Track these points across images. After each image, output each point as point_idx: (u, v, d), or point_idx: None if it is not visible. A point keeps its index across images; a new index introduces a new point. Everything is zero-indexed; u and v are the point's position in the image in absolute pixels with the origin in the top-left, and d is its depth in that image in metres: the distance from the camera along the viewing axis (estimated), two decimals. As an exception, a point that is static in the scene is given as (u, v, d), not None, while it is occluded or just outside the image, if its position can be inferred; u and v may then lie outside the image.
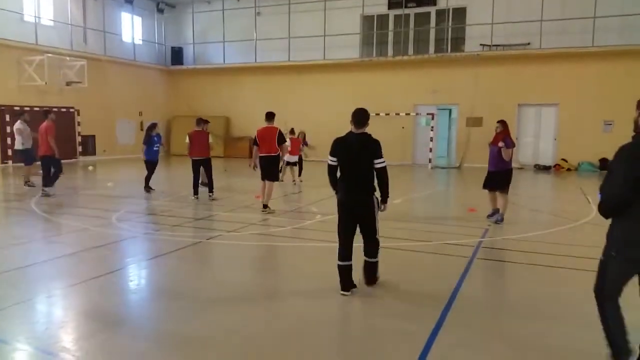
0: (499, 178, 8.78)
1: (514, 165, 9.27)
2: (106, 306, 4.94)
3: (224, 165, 19.31)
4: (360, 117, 5.34)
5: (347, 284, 5.15)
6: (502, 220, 8.71)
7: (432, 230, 8.46)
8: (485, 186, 9.09)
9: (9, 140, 18.42)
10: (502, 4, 19.52)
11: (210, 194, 11.17)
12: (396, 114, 20.39)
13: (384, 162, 5.33)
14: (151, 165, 12.15)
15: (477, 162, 19.82)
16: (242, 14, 23.86)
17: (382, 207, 5.40)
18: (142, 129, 24.67)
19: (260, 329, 4.38)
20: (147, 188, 12.09)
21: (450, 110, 23.00)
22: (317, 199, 11.52)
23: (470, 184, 16.36)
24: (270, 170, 9.69)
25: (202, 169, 11.17)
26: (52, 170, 11.67)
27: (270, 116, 9.82)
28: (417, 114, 21.09)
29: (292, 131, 14.92)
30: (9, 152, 18.47)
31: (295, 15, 22.64)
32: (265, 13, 23.58)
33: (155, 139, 12.17)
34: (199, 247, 7.27)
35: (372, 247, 5.32)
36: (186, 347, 3.97)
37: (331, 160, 5.28)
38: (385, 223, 8.57)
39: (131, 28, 24.39)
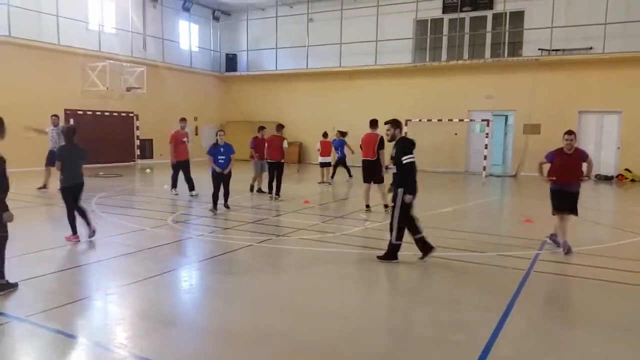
0: (574, 198, 7.28)
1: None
2: (161, 305, 5.08)
3: (297, 167, 20.15)
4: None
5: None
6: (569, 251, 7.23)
7: (485, 240, 8.18)
8: (560, 208, 7.32)
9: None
10: (562, 7, 18.79)
11: (277, 196, 11.92)
12: (449, 119, 19.98)
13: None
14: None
15: (535, 171, 19.12)
16: (294, 20, 24.17)
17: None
18: (196, 134, 25.44)
19: (307, 332, 4.37)
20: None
21: (506, 117, 22.33)
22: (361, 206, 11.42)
23: (527, 194, 15.80)
24: (371, 172, 10.42)
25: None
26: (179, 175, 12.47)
27: (373, 123, 10.65)
28: (471, 120, 20.58)
29: (325, 134, 16.31)
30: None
31: (347, 21, 22.68)
32: (317, 19, 23.76)
33: (221, 149, 10.23)
34: (250, 250, 7.36)
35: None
36: (239, 346, 4.02)
37: (413, 158, 6.47)
38: (436, 232, 8.44)
39: (188, 36, 25.21)
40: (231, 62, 26.45)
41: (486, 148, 19.43)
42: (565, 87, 18.94)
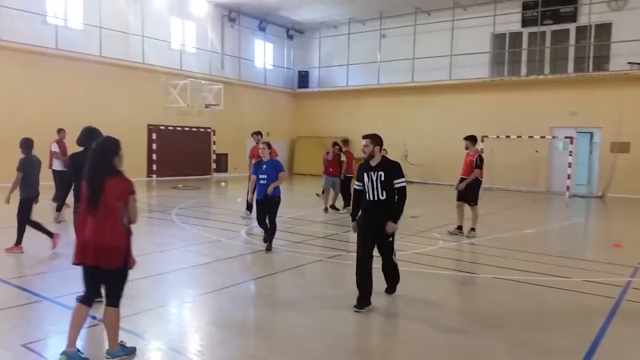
0: None
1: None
2: (235, 316, 5.12)
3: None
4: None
5: None
6: None
7: (569, 265, 7.61)
8: None
9: (154, 156, 20.49)
10: (656, 17, 17.49)
11: (346, 209, 12.05)
12: (529, 136, 19.07)
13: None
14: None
15: (624, 192, 17.78)
16: (366, 37, 24.28)
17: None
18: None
19: (373, 344, 4.22)
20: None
21: (591, 134, 21.01)
22: (441, 223, 11.06)
23: (615, 216, 14.70)
24: (464, 192, 9.54)
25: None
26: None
27: (472, 139, 9.75)
28: (553, 137, 19.53)
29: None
30: (154, 166, 20.52)
31: (421, 36, 22.46)
32: (390, 35, 23.70)
33: (264, 167, 7.89)
34: (320, 265, 7.31)
35: None
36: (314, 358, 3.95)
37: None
38: (518, 254, 7.99)
39: (263, 54, 26.01)
40: (303, 78, 26.98)
41: (570, 167, 18.29)
42: (658, 103, 17.55)
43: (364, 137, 5.44)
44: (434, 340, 4.55)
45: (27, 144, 7.27)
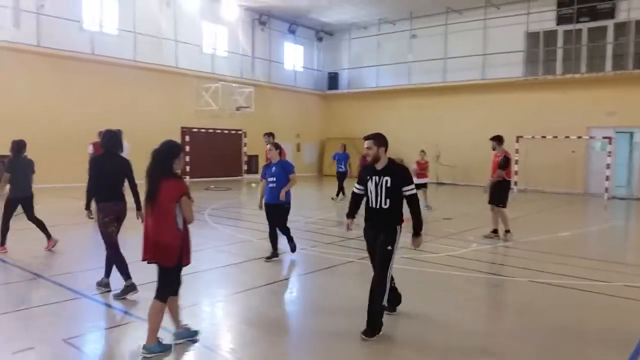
0: None
1: None
2: (266, 315, 5.16)
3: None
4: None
5: None
6: None
7: (609, 269, 7.36)
8: None
9: (187, 158, 20.84)
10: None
11: None
12: (565, 137, 18.56)
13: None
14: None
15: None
16: (397, 37, 24.12)
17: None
18: (298, 150, 26.16)
19: (402, 342, 4.17)
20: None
21: (631, 134, 20.26)
22: (474, 226, 10.88)
23: (657, 219, 14.16)
24: (491, 193, 9.32)
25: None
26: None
27: (498, 140, 9.46)
28: (590, 137, 18.96)
29: (422, 153, 14.38)
30: (187, 168, 20.88)
31: (452, 36, 22.19)
32: (420, 35, 23.48)
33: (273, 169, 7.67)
34: (352, 266, 7.28)
35: None
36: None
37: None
38: (554, 257, 7.78)
39: (293, 56, 26.16)
40: (333, 80, 27.01)
41: (608, 168, 17.71)
42: None
43: (366, 138, 4.73)
44: (462, 343, 4.47)
45: (15, 146, 7.41)
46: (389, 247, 4.54)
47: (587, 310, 5.53)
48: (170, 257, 3.97)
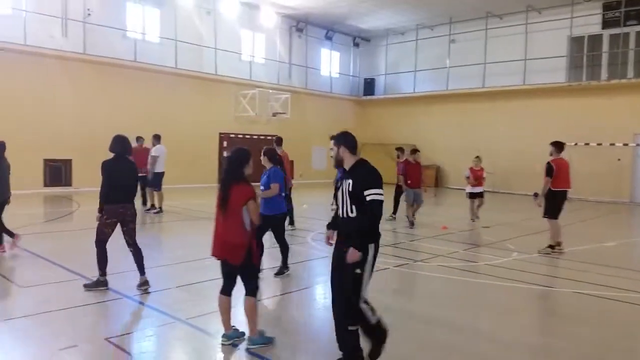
0: None
1: None
2: (299, 319, 5.19)
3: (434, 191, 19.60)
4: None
5: None
6: None
7: (661, 282, 7.02)
8: None
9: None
10: None
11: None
12: (611, 144, 17.90)
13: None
14: None
15: None
16: (435, 42, 23.87)
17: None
18: (332, 156, 26.16)
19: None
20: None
21: (682, 141, 19.36)
22: (513, 235, 10.60)
23: None
24: (545, 204, 8.70)
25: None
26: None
27: (560, 146, 8.90)
28: (638, 144, 18.20)
29: (476, 160, 13.03)
30: (224, 173, 21.19)
31: (492, 40, 21.77)
32: (459, 40, 23.16)
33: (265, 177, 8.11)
34: (387, 273, 7.19)
35: None
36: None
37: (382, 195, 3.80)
38: (599, 268, 7.48)
39: (329, 62, 26.25)
40: (369, 86, 26.94)
41: (656, 176, 16.98)
42: None
43: (331, 138, 4.16)
44: (505, 355, 4.34)
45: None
46: (358, 270, 3.71)
47: (636, 325, 5.27)
48: (239, 255, 4.22)
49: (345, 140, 4.00)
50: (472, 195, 12.50)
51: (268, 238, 6.83)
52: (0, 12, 15.38)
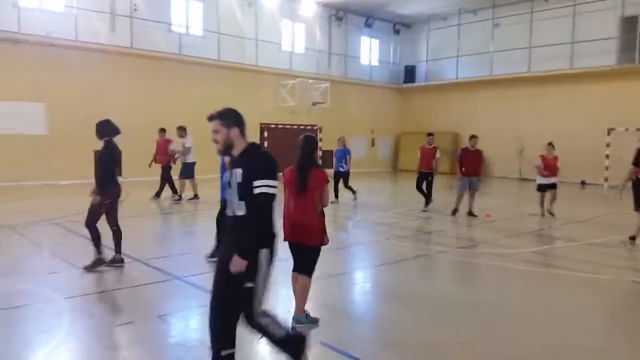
0: None
1: None
2: (342, 301, 5.36)
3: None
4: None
5: None
6: None
7: None
8: None
9: (266, 153, 21.50)
10: None
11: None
12: (665, 129, 17.06)
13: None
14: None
15: None
16: (478, 27, 23.31)
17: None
18: (373, 145, 26.13)
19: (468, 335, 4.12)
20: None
21: None
22: (559, 222, 10.36)
23: None
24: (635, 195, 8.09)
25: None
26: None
27: None
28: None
29: (549, 146, 11.61)
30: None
31: (537, 24, 21.08)
32: (503, 24, 22.53)
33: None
34: (426, 260, 7.24)
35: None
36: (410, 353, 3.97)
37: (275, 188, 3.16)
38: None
39: (369, 51, 26.10)
40: (410, 73, 26.62)
41: None
42: None
43: (209, 117, 3.30)
44: (562, 342, 4.33)
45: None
46: (249, 284, 3.08)
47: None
48: (317, 237, 4.36)
49: (237, 120, 3.27)
50: (542, 188, 11.19)
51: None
52: (53, 9, 16.13)
